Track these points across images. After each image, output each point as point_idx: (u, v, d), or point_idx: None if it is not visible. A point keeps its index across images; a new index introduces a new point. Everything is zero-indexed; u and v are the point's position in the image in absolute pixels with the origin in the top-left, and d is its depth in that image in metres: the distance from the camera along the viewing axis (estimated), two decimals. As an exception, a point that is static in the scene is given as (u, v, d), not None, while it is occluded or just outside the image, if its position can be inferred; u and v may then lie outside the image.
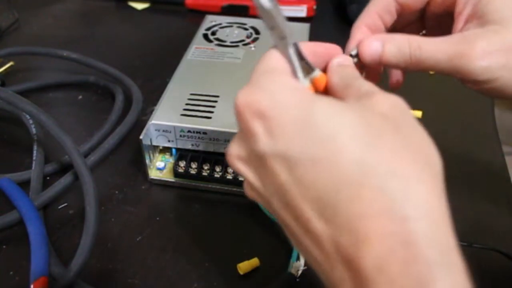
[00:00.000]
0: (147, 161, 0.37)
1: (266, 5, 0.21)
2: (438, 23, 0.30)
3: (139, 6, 0.67)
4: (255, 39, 0.47)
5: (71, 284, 0.29)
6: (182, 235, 0.34)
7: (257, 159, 0.21)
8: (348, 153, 0.18)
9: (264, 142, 0.20)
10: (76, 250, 0.30)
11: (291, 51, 0.23)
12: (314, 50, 0.25)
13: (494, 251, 0.31)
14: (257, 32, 0.48)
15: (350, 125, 0.19)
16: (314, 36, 0.49)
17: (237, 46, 0.46)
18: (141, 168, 0.39)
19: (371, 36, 0.27)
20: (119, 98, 0.46)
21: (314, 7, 0.63)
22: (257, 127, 0.20)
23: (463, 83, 0.27)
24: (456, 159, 0.41)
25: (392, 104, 0.20)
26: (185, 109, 0.37)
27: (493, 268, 0.16)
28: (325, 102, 0.20)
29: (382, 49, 0.26)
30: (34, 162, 0.38)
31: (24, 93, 0.47)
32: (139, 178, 0.39)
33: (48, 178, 0.38)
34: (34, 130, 0.40)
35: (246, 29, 0.49)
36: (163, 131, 0.36)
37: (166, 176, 0.38)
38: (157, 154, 0.39)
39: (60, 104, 0.48)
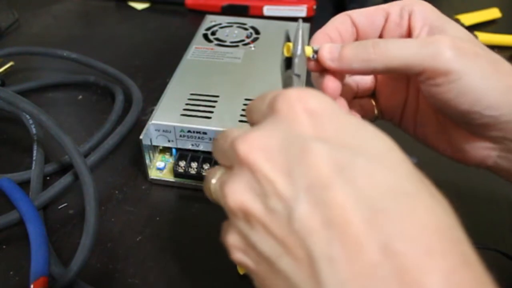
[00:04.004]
0: (147, 161, 0.37)
1: (299, 53, 0.26)
2: None
3: (139, 6, 0.67)
4: (255, 39, 0.47)
5: (71, 284, 0.29)
6: (182, 235, 0.34)
7: (294, 148, 0.18)
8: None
9: (309, 129, 0.19)
10: (76, 250, 0.30)
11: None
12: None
13: (494, 251, 0.31)
14: (257, 32, 0.48)
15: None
16: (314, 36, 0.49)
17: (237, 46, 0.46)
18: (141, 168, 0.39)
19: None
20: (119, 98, 0.46)
21: (314, 7, 0.63)
22: (304, 116, 0.19)
23: (423, 87, 0.25)
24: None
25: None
26: (185, 109, 0.37)
27: (493, 268, 0.16)
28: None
29: (341, 49, 0.25)
30: (34, 162, 0.38)
31: (24, 93, 0.47)
32: (139, 178, 0.39)
33: (48, 178, 0.38)
34: (34, 130, 0.40)
35: (246, 29, 0.49)
36: (163, 131, 0.36)
37: (166, 176, 0.38)
38: (157, 154, 0.39)
39: (60, 104, 0.48)
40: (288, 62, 0.26)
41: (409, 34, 0.27)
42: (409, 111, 0.30)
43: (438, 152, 0.30)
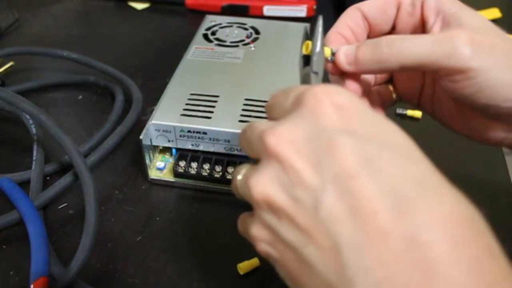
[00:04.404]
0: (147, 161, 0.37)
1: (317, 50, 0.26)
2: None
3: (139, 6, 0.67)
4: (255, 39, 0.47)
5: (71, 284, 0.29)
6: (182, 235, 0.34)
7: (321, 140, 0.19)
8: None
9: (336, 122, 0.19)
10: (76, 250, 0.30)
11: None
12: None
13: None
14: (257, 32, 0.48)
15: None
16: (314, 36, 0.49)
17: (237, 46, 0.46)
18: (141, 168, 0.39)
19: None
20: (119, 98, 0.46)
21: (314, 7, 0.63)
22: (331, 110, 0.20)
23: (441, 82, 0.25)
24: (456, 159, 0.41)
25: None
26: (185, 109, 0.37)
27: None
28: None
29: (356, 51, 0.25)
30: (34, 162, 0.38)
31: (24, 93, 0.47)
32: (139, 178, 0.39)
33: (48, 178, 0.38)
34: (34, 130, 0.40)
35: (246, 29, 0.49)
36: (163, 131, 0.36)
37: (166, 176, 0.38)
38: (157, 154, 0.39)
39: (60, 104, 0.48)
40: (306, 60, 0.26)
41: (422, 24, 0.27)
42: (426, 95, 0.30)
43: (455, 132, 0.30)
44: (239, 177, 0.23)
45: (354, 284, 0.16)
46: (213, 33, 0.48)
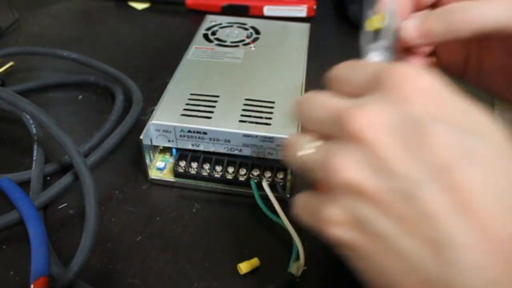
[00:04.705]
0: (147, 161, 0.37)
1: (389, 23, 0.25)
2: None
3: (139, 6, 0.67)
4: (255, 39, 0.47)
5: (71, 284, 0.29)
6: (182, 235, 0.34)
7: (413, 128, 0.18)
8: None
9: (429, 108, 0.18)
10: (76, 250, 0.30)
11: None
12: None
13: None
14: (257, 32, 0.48)
15: None
16: (314, 36, 0.49)
17: (237, 46, 0.46)
18: (141, 168, 0.39)
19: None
20: (119, 98, 0.46)
21: (314, 7, 0.63)
22: (420, 95, 0.18)
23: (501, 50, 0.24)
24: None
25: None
26: (185, 109, 0.37)
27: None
28: None
29: (426, 22, 0.24)
30: (34, 162, 0.38)
31: (24, 93, 0.47)
32: (139, 178, 0.39)
33: (48, 178, 0.38)
34: (34, 130, 0.40)
35: (246, 29, 0.49)
36: (163, 131, 0.36)
37: (166, 176, 0.38)
38: (157, 154, 0.39)
39: (60, 104, 0.48)
40: (371, 36, 0.25)
41: None
42: (472, 66, 0.29)
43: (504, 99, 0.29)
44: (309, 149, 0.21)
45: (461, 283, 0.16)
46: (213, 33, 0.48)
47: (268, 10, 0.63)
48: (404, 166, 0.17)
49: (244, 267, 0.31)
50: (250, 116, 0.36)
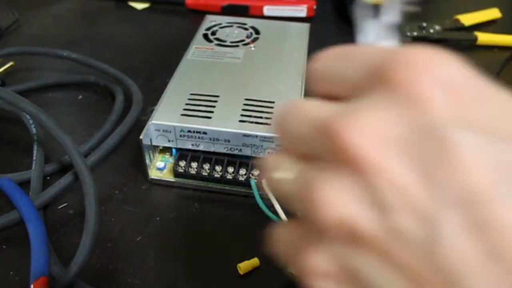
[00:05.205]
0: (147, 161, 0.37)
1: None
2: None
3: (139, 6, 0.67)
4: (255, 39, 0.47)
5: (71, 284, 0.29)
6: (182, 235, 0.34)
7: (431, 141, 0.12)
8: None
9: (445, 109, 0.13)
10: (76, 250, 0.30)
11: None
12: None
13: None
14: (257, 32, 0.48)
15: None
16: (314, 36, 0.49)
17: (237, 46, 0.46)
18: (141, 168, 0.39)
19: None
20: (119, 98, 0.46)
21: (314, 7, 0.63)
22: (439, 92, 0.13)
23: None
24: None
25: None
26: (185, 109, 0.37)
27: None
28: None
29: None
30: (34, 162, 0.38)
31: (24, 93, 0.47)
32: (139, 178, 0.39)
33: (48, 178, 0.38)
34: (34, 130, 0.40)
35: (246, 29, 0.49)
36: (163, 131, 0.36)
37: (166, 176, 0.38)
38: (157, 154, 0.39)
39: (60, 104, 0.48)
40: (374, 10, 0.20)
41: None
42: None
43: None
44: (288, 174, 0.16)
45: None
46: (213, 33, 0.48)
47: (268, 10, 0.63)
48: (418, 198, 0.12)
49: (244, 267, 0.31)
50: (250, 116, 0.36)
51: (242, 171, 0.37)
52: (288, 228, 0.17)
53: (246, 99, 0.38)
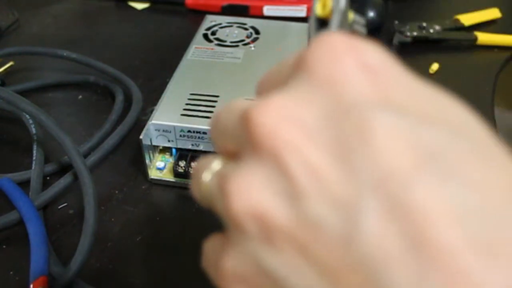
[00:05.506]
0: (147, 161, 0.37)
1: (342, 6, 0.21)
2: None
3: (139, 6, 0.67)
4: (255, 39, 0.47)
5: (70, 284, 0.29)
6: (182, 235, 0.34)
7: (349, 121, 0.12)
8: None
9: (366, 90, 0.12)
10: (76, 249, 0.30)
11: None
12: None
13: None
14: (257, 32, 0.48)
15: None
16: (314, 36, 0.49)
17: (237, 46, 0.46)
18: (141, 168, 0.39)
19: None
20: (119, 98, 0.46)
21: (314, 7, 0.63)
22: (358, 73, 0.12)
23: None
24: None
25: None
26: (185, 109, 0.37)
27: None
28: None
29: None
30: (34, 162, 0.38)
31: (24, 93, 0.47)
32: (139, 178, 0.39)
33: (48, 178, 0.38)
34: (34, 130, 0.40)
35: (246, 29, 0.49)
36: (163, 131, 0.36)
37: (166, 176, 0.38)
38: (157, 154, 0.39)
39: (60, 104, 0.48)
40: (321, 23, 0.21)
41: None
42: None
43: None
44: (207, 175, 0.15)
45: None
46: (213, 33, 0.48)
47: (268, 10, 0.63)
48: (334, 184, 0.11)
49: (244, 267, 0.31)
50: (250, 116, 0.36)
51: (242, 171, 0.37)
52: (213, 239, 0.16)
53: (246, 99, 0.38)
